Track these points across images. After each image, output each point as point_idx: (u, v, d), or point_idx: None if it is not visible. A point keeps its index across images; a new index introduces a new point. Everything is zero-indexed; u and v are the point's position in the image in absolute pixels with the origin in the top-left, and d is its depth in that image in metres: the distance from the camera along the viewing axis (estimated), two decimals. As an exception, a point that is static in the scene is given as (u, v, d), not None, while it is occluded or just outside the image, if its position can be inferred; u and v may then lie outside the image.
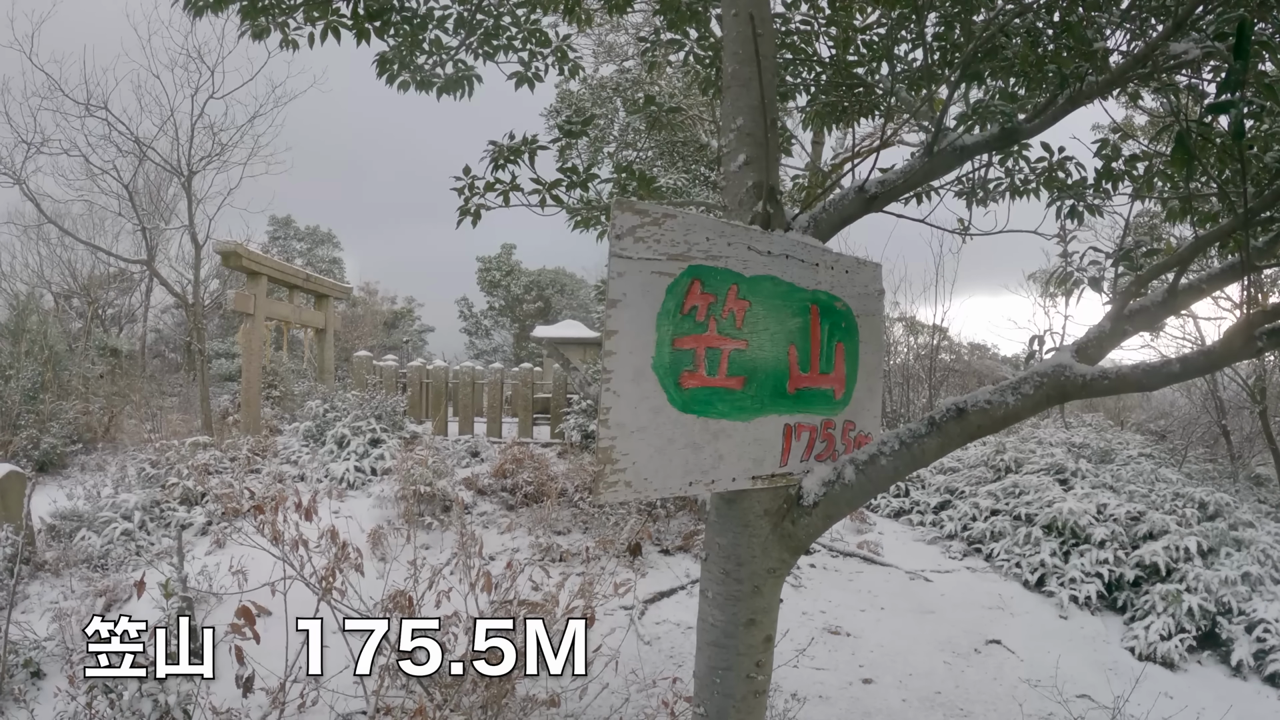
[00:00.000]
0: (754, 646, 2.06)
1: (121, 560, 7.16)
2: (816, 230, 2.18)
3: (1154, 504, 9.60)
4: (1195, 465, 13.38)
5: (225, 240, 12.69)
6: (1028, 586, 8.84)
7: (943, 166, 2.37)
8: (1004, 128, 2.34)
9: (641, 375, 1.57)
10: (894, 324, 19.59)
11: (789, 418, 1.90)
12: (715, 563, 2.07)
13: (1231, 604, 7.74)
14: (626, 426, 1.54)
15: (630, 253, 1.58)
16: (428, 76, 3.99)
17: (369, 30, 3.64)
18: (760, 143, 2.04)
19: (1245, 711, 6.72)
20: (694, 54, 3.94)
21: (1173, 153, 1.76)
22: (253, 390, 12.68)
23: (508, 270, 30.86)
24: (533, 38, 3.99)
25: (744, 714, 2.06)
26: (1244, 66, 1.66)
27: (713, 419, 1.71)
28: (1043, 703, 6.36)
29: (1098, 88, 2.24)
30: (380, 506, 8.75)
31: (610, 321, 1.53)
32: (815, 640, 7.18)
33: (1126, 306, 2.12)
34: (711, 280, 1.71)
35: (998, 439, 12.76)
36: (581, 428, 11.73)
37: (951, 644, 7.46)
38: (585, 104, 12.93)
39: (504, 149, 3.12)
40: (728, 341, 1.73)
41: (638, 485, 1.56)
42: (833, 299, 1.99)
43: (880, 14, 3.70)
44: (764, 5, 2.16)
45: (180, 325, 23.25)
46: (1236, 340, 1.85)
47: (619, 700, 5.28)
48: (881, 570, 9.21)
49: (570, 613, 4.50)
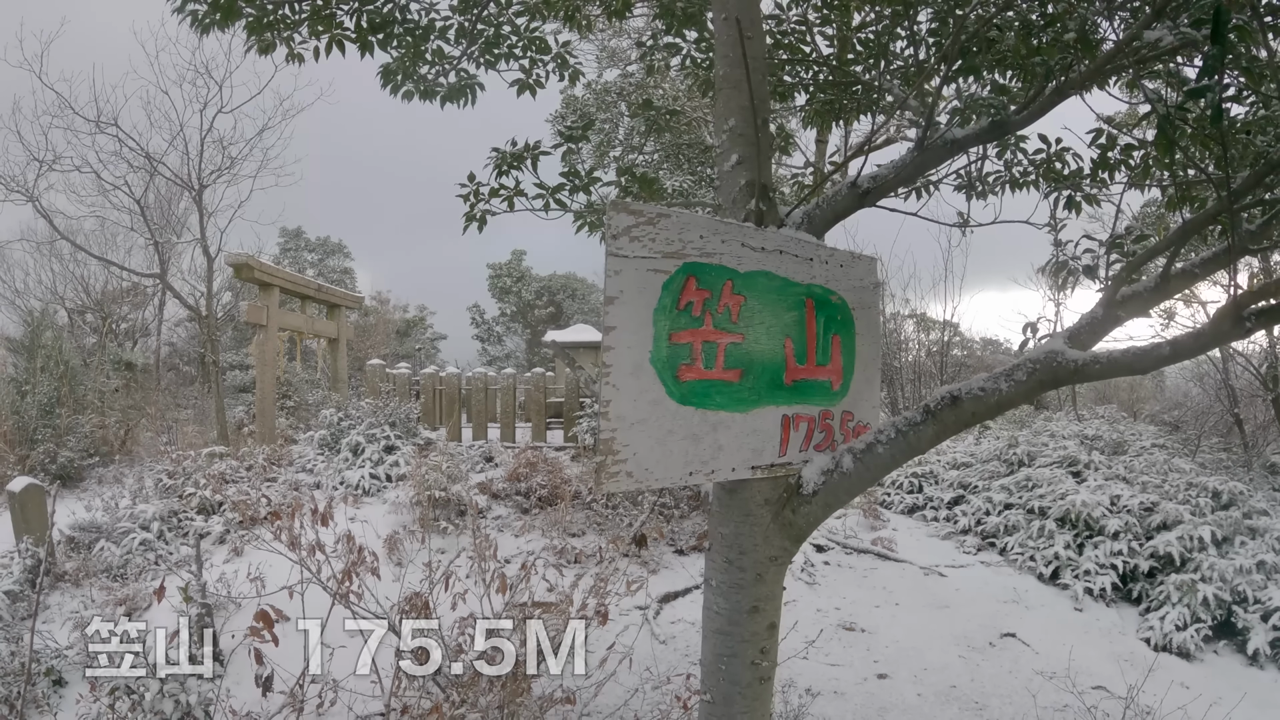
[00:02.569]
0: (758, 633, 2.10)
1: (141, 570, 7.26)
2: (810, 226, 2.23)
3: (1167, 494, 9.55)
4: (1209, 455, 13.30)
5: (237, 253, 12.84)
6: (1042, 580, 8.83)
7: (933, 159, 2.41)
8: (993, 120, 2.38)
9: (640, 369, 1.62)
10: (904, 321, 19.56)
11: (787, 409, 1.95)
12: (719, 552, 2.12)
13: (1247, 593, 7.69)
14: (626, 418, 1.59)
15: (626, 251, 1.64)
16: (431, 86, 4.06)
17: (372, 43, 3.72)
18: (752, 142, 2.09)
19: (1262, 700, 6.68)
20: (692, 57, 4.00)
21: (1155, 139, 1.80)
22: (267, 401, 12.80)
23: (518, 276, 31.00)
24: (533, 45, 4.05)
25: (750, 700, 2.10)
26: (1222, 52, 1.70)
27: (711, 411, 1.76)
28: (1058, 695, 6.33)
29: (1081, 79, 2.28)
30: (395, 512, 8.84)
31: (608, 318, 1.58)
32: (830, 636, 7.20)
33: (1119, 293, 2.16)
34: (707, 276, 1.76)
35: (1010, 433, 12.75)
36: (595, 431, 11.77)
37: (966, 638, 7.46)
38: (590, 109, 13.01)
39: (506, 155, 3.18)
40: (724, 335, 1.79)
41: (639, 475, 1.61)
42: (828, 292, 2.04)
43: (875, 11, 3.74)
44: (753, 9, 2.21)
45: (194, 338, 23.45)
46: (1225, 321, 1.88)
47: (634, 697, 5.33)
48: (896, 566, 9.21)
49: (584, 611, 4.54)
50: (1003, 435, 12.86)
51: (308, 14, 3.55)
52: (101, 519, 7.82)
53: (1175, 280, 2.32)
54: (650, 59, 4.47)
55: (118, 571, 7.14)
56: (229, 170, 13.93)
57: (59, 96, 15.81)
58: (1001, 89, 3.19)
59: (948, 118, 2.68)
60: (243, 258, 12.50)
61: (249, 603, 6.41)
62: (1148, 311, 2.33)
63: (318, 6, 3.52)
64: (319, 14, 3.55)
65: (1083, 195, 3.64)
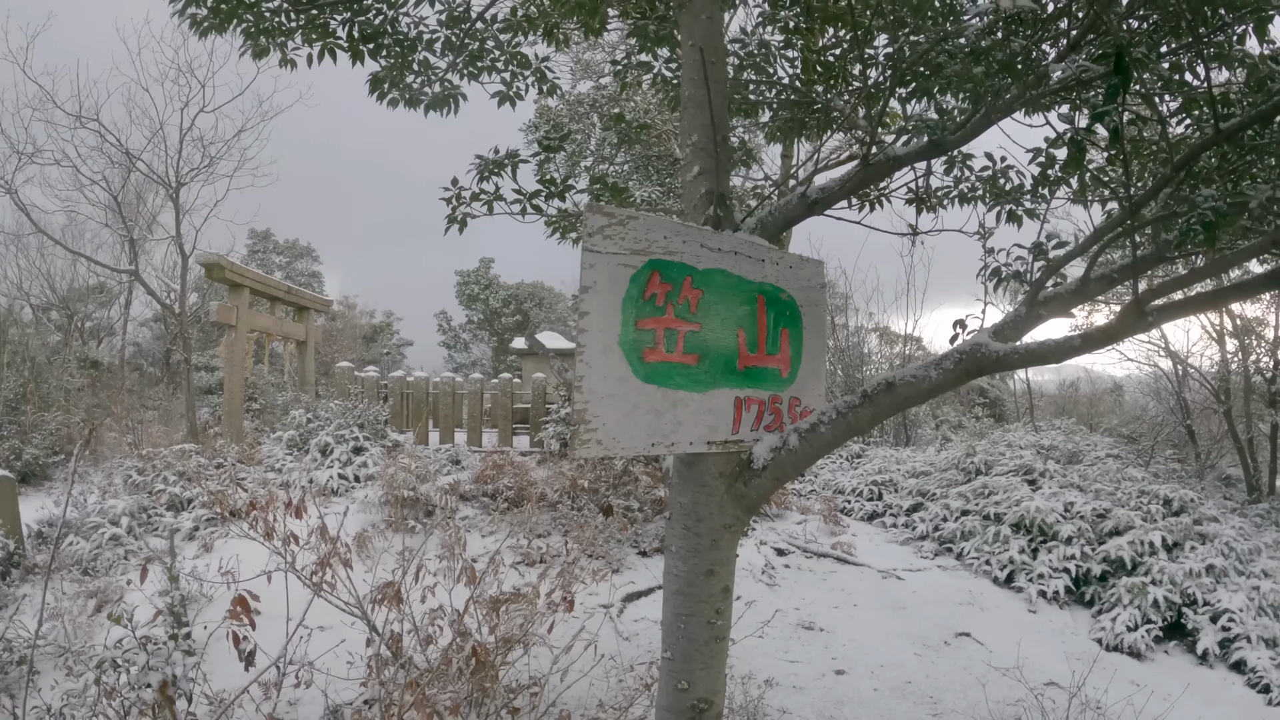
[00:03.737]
0: (714, 595, 2.33)
1: (111, 564, 7.31)
2: (763, 231, 2.48)
3: (1120, 501, 9.87)
4: (1162, 465, 13.72)
5: (209, 253, 12.85)
6: (997, 583, 9.10)
7: (877, 175, 2.67)
8: (932, 140, 2.64)
9: (609, 350, 1.85)
10: (869, 334, 19.97)
11: (739, 391, 2.19)
12: (678, 520, 2.34)
13: (1196, 595, 7.98)
14: (597, 393, 1.82)
15: (599, 248, 1.86)
16: (416, 95, 4.27)
17: (363, 52, 3.92)
18: (712, 156, 2.34)
19: (1212, 697, 6.94)
20: (662, 74, 4.25)
21: (1066, 159, 2.06)
22: (235, 401, 12.80)
23: (486, 284, 31.03)
24: (514, 60, 4.28)
25: (707, 657, 2.32)
26: (1124, 82, 1.96)
27: (671, 389, 2.00)
28: (1010, 690, 6.54)
29: (1007, 104, 2.54)
30: (365, 511, 8.93)
31: (583, 304, 1.81)
32: (790, 635, 7.41)
33: (1040, 294, 2.42)
34: (669, 272, 1.99)
35: (969, 443, 13.12)
36: (560, 436, 11.85)
37: (922, 637, 7.67)
38: (563, 119, 13.25)
39: (489, 162, 3.39)
40: (684, 324, 2.02)
41: (607, 443, 1.83)
42: (778, 290, 2.28)
43: (835, 36, 4.01)
44: (716, 38, 2.46)
45: (159, 338, 23.23)
46: (1130, 315, 2.14)
47: (599, 686, 5.50)
48: (855, 570, 9.44)
49: (551, 599, 4.73)
50: (961, 445, 13.23)
51: (303, 23, 3.74)
52: (70, 514, 7.84)
53: (1094, 283, 2.59)
54: (624, 77, 4.71)
55: (88, 565, 7.18)
56: (207, 169, 13.93)
57: (41, 89, 15.80)
58: (943, 112, 3.46)
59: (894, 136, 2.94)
60: (214, 257, 12.52)
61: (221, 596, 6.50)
62: (1069, 311, 2.59)
63: (312, 16, 3.71)
64: (313, 23, 3.74)
65: (1023, 210, 3.93)
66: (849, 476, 12.83)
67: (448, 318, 33.02)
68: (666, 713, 2.35)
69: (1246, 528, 9.71)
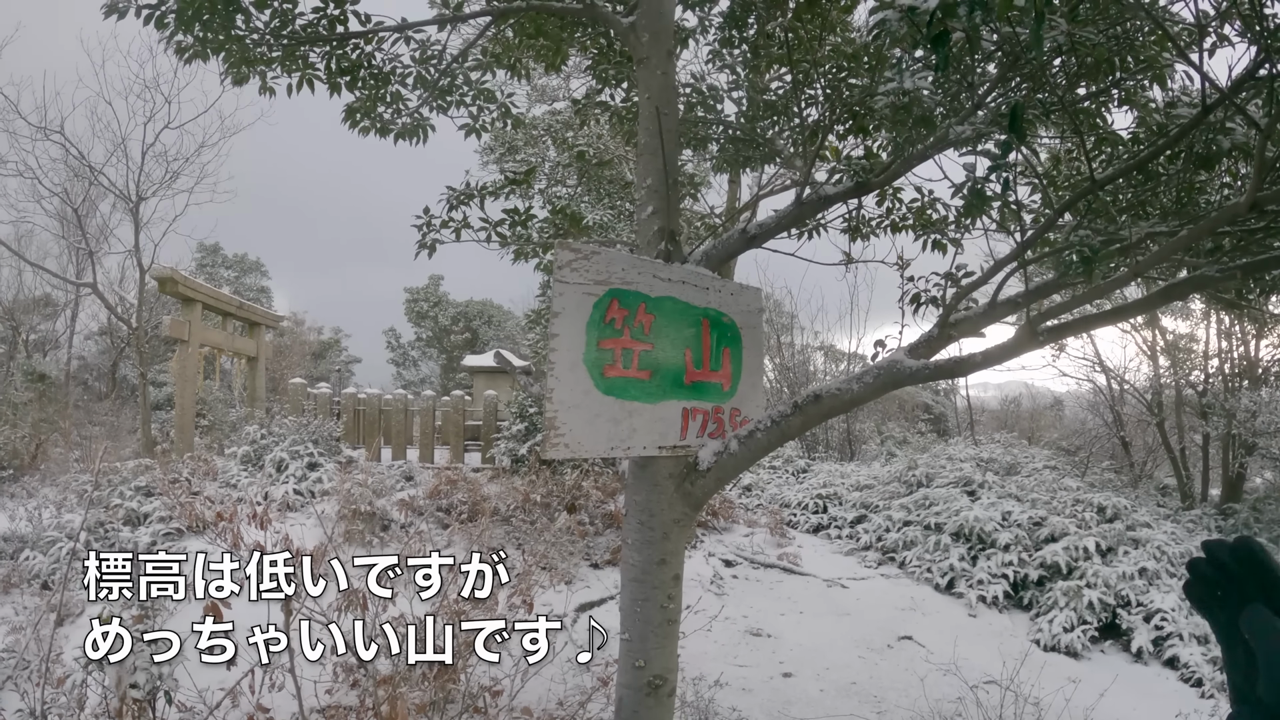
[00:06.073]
0: (666, 582, 2.63)
1: (68, 579, 7.30)
2: (708, 262, 2.81)
3: (1055, 510, 10.30)
4: (1098, 476, 14.28)
5: (162, 267, 12.83)
6: (938, 589, 9.49)
7: (810, 211, 3.02)
8: (857, 181, 3.00)
9: (575, 366, 2.15)
10: (814, 352, 20.51)
11: (686, 403, 2.50)
12: (633, 515, 2.64)
13: (1130, 597, 8.39)
14: (565, 403, 2.11)
15: (568, 279, 2.16)
16: (387, 124, 4.52)
17: (340, 84, 4.15)
18: (664, 197, 2.67)
19: (1145, 690, 7.29)
20: (617, 114, 4.58)
21: (966, 202, 2.42)
22: (187, 417, 12.74)
23: (435, 301, 31.03)
24: (481, 95, 4.55)
25: (660, 639, 2.61)
26: (1019, 137, 2.31)
27: (628, 400, 2.30)
28: (950, 688, 6.80)
29: (921, 153, 2.91)
30: (321, 525, 9.00)
31: (553, 327, 2.11)
32: (738, 641, 7.68)
33: (951, 316, 2.76)
34: (626, 299, 2.30)
35: (911, 457, 13.59)
36: (512, 452, 11.95)
37: (866, 641, 7.98)
38: (518, 142, 13.53)
39: (459, 193, 3.68)
40: (638, 344, 2.33)
41: (574, 446, 2.13)
42: (720, 314, 2.61)
43: (779, 80, 4.38)
44: (669, 90, 2.79)
45: (104, 353, 22.80)
46: (1024, 335, 2.50)
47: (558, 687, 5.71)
48: (801, 579, 9.73)
49: (510, 603, 4.95)
50: (904, 459, 13.69)
51: (281, 54, 3.95)
52: (25, 529, 7.82)
53: (1000, 307, 2.95)
54: (584, 115, 5.02)
55: (47, 578, 7.18)
56: (169, 184, 13.89)
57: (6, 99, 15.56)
58: (870, 154, 3.82)
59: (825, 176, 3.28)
60: (167, 271, 12.50)
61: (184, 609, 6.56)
62: (979, 331, 2.94)
63: (293, 48, 3.93)
64: (293, 54, 3.96)
65: (948, 239, 4.32)
66: (795, 490, 13.17)
67: (397, 335, 32.94)
68: (626, 689, 2.63)
69: (1179, 533, 10.07)
